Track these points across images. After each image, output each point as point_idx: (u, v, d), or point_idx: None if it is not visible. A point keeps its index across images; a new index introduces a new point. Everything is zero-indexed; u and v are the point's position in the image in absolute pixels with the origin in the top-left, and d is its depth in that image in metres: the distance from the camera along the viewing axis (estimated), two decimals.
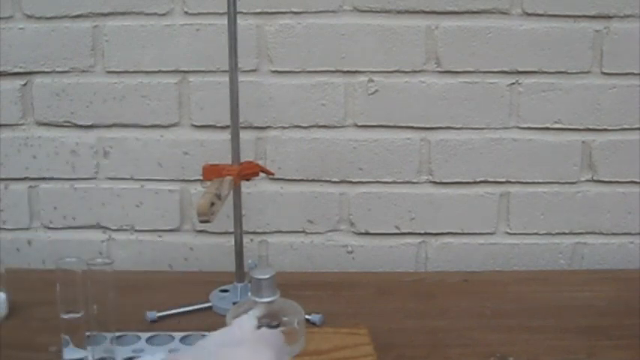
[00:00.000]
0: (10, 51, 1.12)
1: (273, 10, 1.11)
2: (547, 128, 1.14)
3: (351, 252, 1.19)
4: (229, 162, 0.95)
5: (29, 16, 1.11)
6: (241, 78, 0.96)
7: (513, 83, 1.13)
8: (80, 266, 0.76)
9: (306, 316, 0.91)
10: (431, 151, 1.15)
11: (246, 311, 0.71)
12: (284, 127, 1.15)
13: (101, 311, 0.77)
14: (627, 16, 1.10)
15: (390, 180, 1.16)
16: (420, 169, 1.16)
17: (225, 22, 0.92)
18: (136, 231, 1.18)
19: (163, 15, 1.11)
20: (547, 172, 1.16)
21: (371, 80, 1.13)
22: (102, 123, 1.15)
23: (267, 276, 0.71)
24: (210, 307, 0.97)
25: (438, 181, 1.16)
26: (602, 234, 1.18)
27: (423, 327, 0.92)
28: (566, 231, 1.18)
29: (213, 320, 0.92)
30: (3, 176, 1.17)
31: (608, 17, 1.10)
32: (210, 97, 1.13)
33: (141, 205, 1.17)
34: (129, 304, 0.94)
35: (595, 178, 1.16)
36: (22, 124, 1.15)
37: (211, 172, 0.92)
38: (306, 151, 1.15)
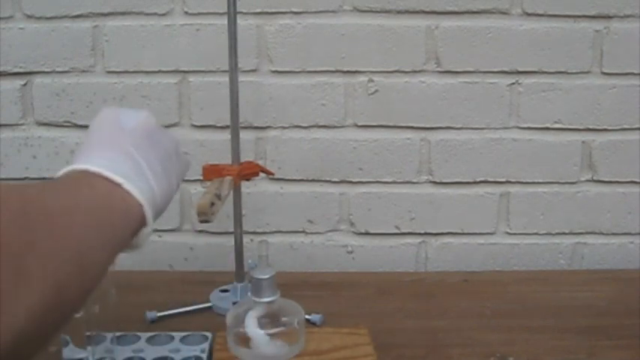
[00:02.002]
0: (10, 51, 1.12)
1: (273, 10, 1.11)
2: (547, 128, 1.14)
3: (351, 252, 1.19)
4: (229, 162, 0.95)
5: (29, 16, 1.11)
6: (241, 78, 0.96)
7: (513, 83, 1.13)
8: None
9: (306, 316, 0.91)
10: (431, 151, 1.15)
11: (246, 311, 0.72)
12: (284, 127, 1.15)
13: (101, 311, 0.77)
14: (627, 16, 1.10)
15: (390, 180, 1.16)
16: (420, 169, 1.16)
17: (225, 22, 0.92)
18: None
19: (163, 15, 1.11)
20: (547, 172, 1.16)
21: (371, 80, 1.13)
22: None
23: (267, 276, 0.71)
24: (210, 307, 0.97)
25: (438, 181, 1.16)
26: (602, 234, 1.18)
27: (423, 327, 0.92)
28: (566, 231, 1.18)
29: (213, 320, 0.92)
30: (3, 176, 1.16)
31: (608, 17, 1.10)
32: (210, 97, 1.13)
33: None
34: (129, 304, 0.94)
35: (595, 178, 1.16)
36: (22, 124, 1.15)
37: (211, 172, 0.92)
38: (306, 151, 1.15)
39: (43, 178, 1.17)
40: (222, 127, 1.12)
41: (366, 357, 0.82)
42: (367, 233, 1.18)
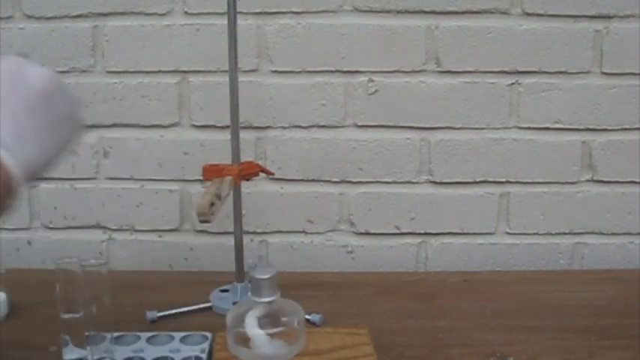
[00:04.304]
0: (10, 51, 1.12)
1: (273, 10, 1.11)
2: (547, 128, 1.14)
3: (351, 252, 1.19)
4: (229, 162, 0.95)
5: (29, 16, 1.11)
6: (241, 78, 0.96)
7: (513, 83, 1.13)
8: (80, 266, 0.76)
9: (306, 316, 0.91)
10: (431, 151, 1.15)
11: (246, 311, 0.72)
12: (284, 127, 1.15)
13: (101, 311, 0.77)
14: (627, 16, 1.10)
15: (390, 180, 1.16)
16: (420, 169, 1.16)
17: (225, 22, 0.92)
18: (136, 231, 1.18)
19: (163, 15, 1.11)
20: (547, 172, 1.16)
21: (371, 80, 1.13)
22: (102, 123, 1.15)
23: (267, 276, 0.71)
24: (210, 307, 0.97)
25: (438, 181, 1.16)
26: (602, 234, 1.18)
27: (423, 327, 0.92)
28: (566, 231, 1.18)
29: (213, 320, 0.92)
30: None
31: (608, 17, 1.10)
32: (210, 97, 1.13)
33: (141, 205, 1.17)
34: (129, 304, 0.94)
35: (595, 178, 1.16)
36: None
37: (211, 172, 0.92)
38: (306, 151, 1.15)
39: (43, 179, 1.16)
40: (222, 127, 1.12)
41: (366, 357, 0.82)
42: (367, 233, 1.18)
